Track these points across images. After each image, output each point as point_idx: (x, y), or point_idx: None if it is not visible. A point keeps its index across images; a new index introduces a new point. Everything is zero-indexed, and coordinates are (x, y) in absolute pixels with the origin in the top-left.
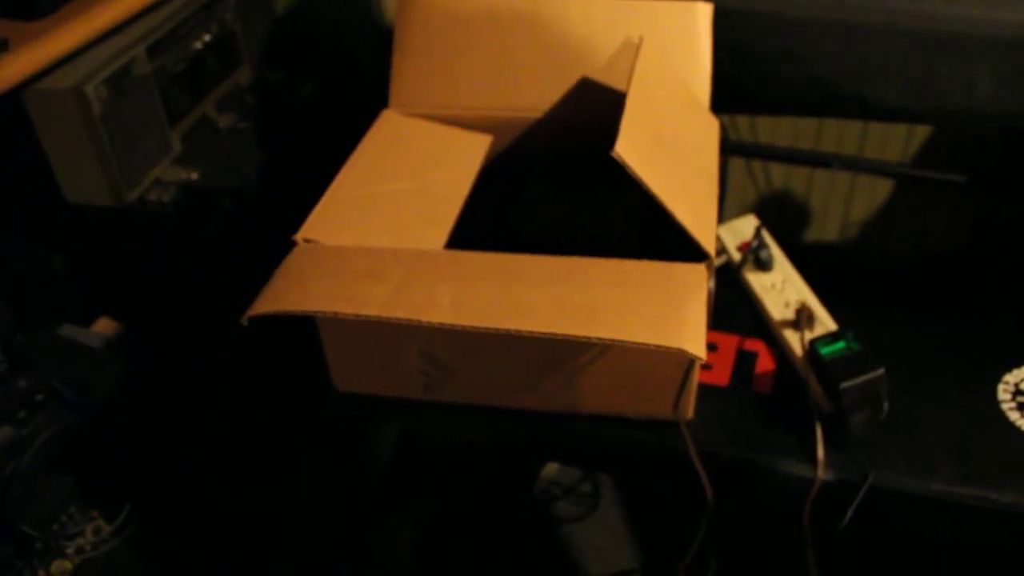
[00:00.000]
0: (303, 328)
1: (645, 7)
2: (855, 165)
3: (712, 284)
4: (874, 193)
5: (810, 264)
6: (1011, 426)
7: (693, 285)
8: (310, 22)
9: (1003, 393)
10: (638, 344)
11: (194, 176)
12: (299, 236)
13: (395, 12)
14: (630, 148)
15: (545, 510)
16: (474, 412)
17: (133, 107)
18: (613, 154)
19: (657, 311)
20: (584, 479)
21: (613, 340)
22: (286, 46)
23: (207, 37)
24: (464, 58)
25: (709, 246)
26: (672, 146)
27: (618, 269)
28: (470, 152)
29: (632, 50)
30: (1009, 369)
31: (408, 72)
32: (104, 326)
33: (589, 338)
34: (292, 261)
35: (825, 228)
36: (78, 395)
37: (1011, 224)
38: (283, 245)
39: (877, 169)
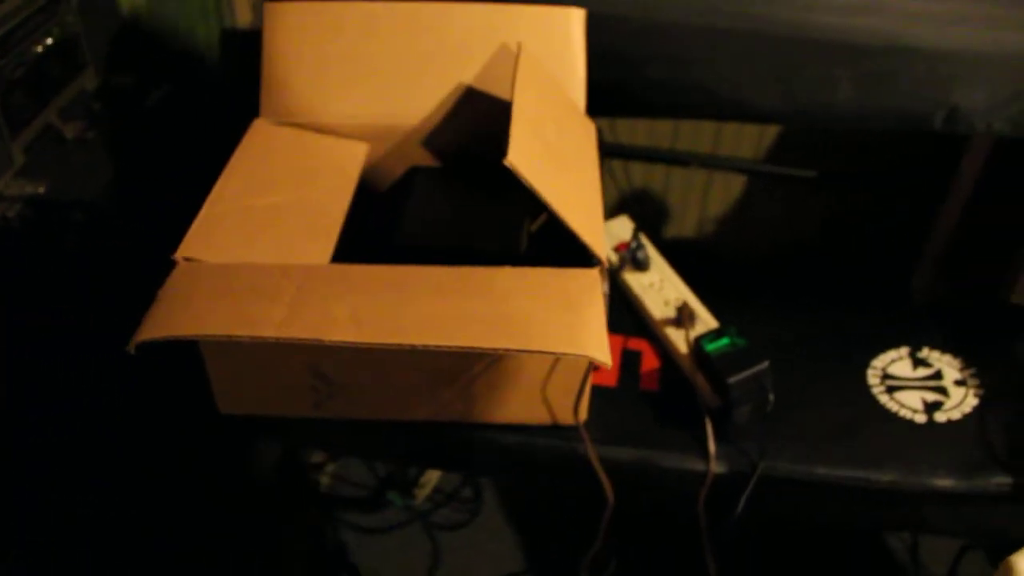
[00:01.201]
0: (178, 349)
1: (520, 12)
2: (714, 163)
3: (607, 288)
4: (729, 190)
5: (672, 261)
6: (883, 409)
7: (589, 290)
8: (157, 23)
9: (872, 378)
10: (544, 353)
11: (41, 190)
12: (179, 255)
13: (263, 19)
14: (521, 157)
15: (427, 518)
16: (366, 426)
17: None
18: (505, 163)
19: (559, 319)
20: (465, 484)
21: (520, 350)
22: (133, 49)
23: (48, 40)
24: (337, 65)
25: (600, 252)
26: (558, 153)
27: (513, 277)
28: (347, 161)
29: (508, 56)
30: (875, 355)
31: (279, 80)
32: None
33: (497, 350)
34: (175, 281)
35: (684, 225)
36: None
37: (857, 216)
38: (141, 259)
39: (734, 166)
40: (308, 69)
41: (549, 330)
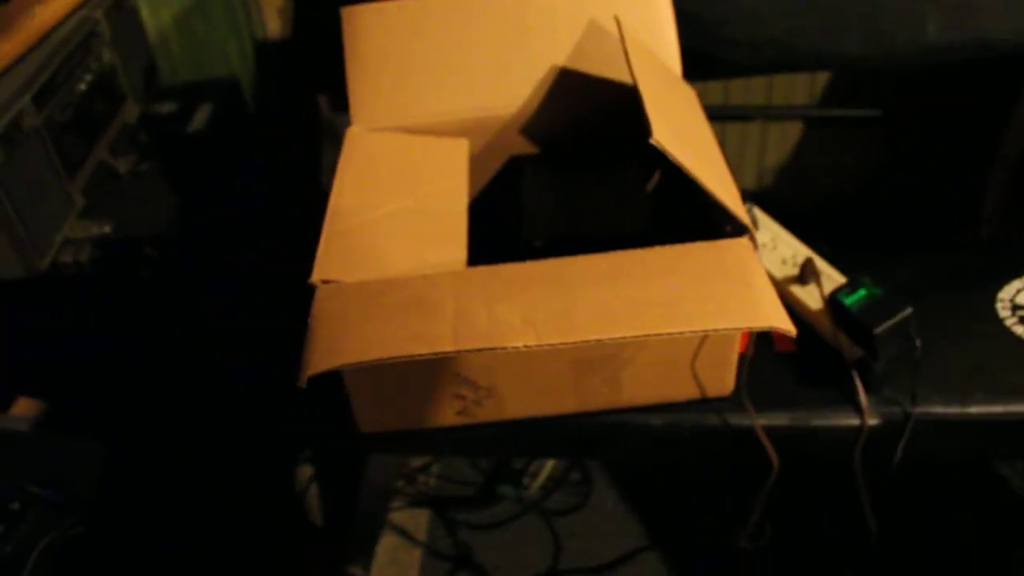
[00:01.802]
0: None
1: None
2: (780, 115)
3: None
4: (784, 138)
5: None
6: (1019, 339)
7: (747, 260)
8: (187, 44)
9: (1002, 310)
10: (729, 330)
11: (107, 229)
12: (315, 278)
13: (342, 25)
14: (664, 134)
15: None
16: (510, 427)
17: (28, 164)
18: (652, 142)
19: (730, 293)
20: (572, 467)
21: (705, 330)
22: (168, 74)
23: (88, 78)
24: (424, 62)
25: (746, 219)
26: (684, 125)
27: (667, 256)
28: (453, 159)
29: (598, 32)
30: (998, 287)
31: (366, 86)
32: (24, 407)
33: (683, 332)
34: (322, 307)
35: (742, 178)
36: (60, 492)
37: (925, 153)
38: (225, 283)
39: (798, 115)
40: (394, 70)
41: (725, 306)
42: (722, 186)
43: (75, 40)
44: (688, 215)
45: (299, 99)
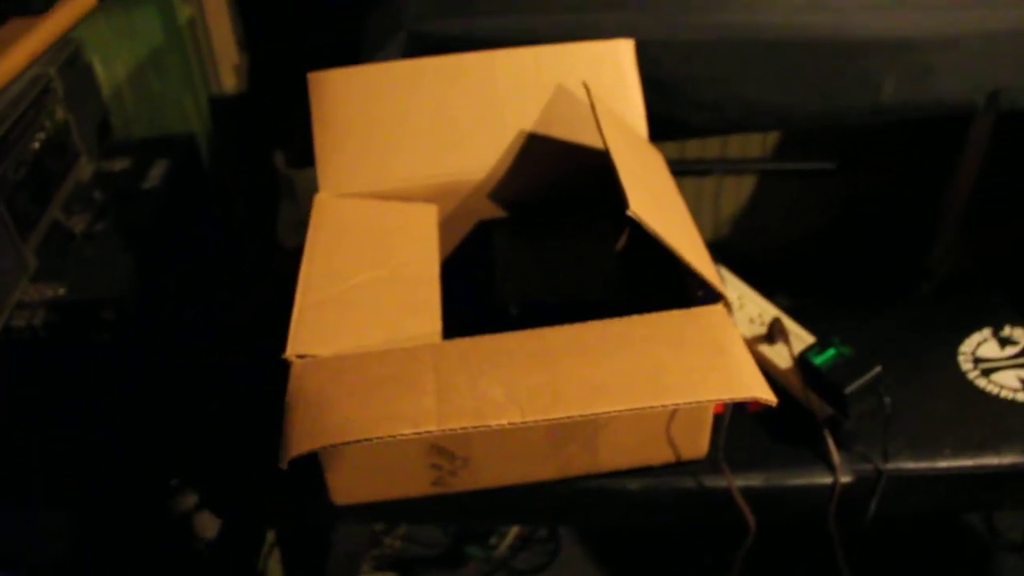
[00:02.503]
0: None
1: (570, 50)
2: (737, 168)
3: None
4: (740, 191)
5: None
6: (984, 392)
7: (724, 328)
8: (142, 100)
9: (964, 364)
10: (711, 401)
11: (61, 292)
12: (290, 354)
13: (309, 90)
14: (640, 205)
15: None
16: (486, 495)
17: None
18: (630, 214)
19: (711, 363)
20: (538, 527)
21: (688, 403)
22: (122, 130)
23: (42, 136)
24: (391, 127)
25: (721, 287)
26: (656, 191)
27: (647, 325)
28: (423, 225)
29: (565, 96)
30: (959, 341)
31: (333, 151)
32: None
33: (665, 406)
34: (299, 383)
35: (700, 230)
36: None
37: (877, 201)
38: (185, 345)
39: (756, 168)
40: (361, 135)
41: (707, 377)
42: (696, 253)
43: (28, 97)
44: (659, 276)
45: (255, 155)
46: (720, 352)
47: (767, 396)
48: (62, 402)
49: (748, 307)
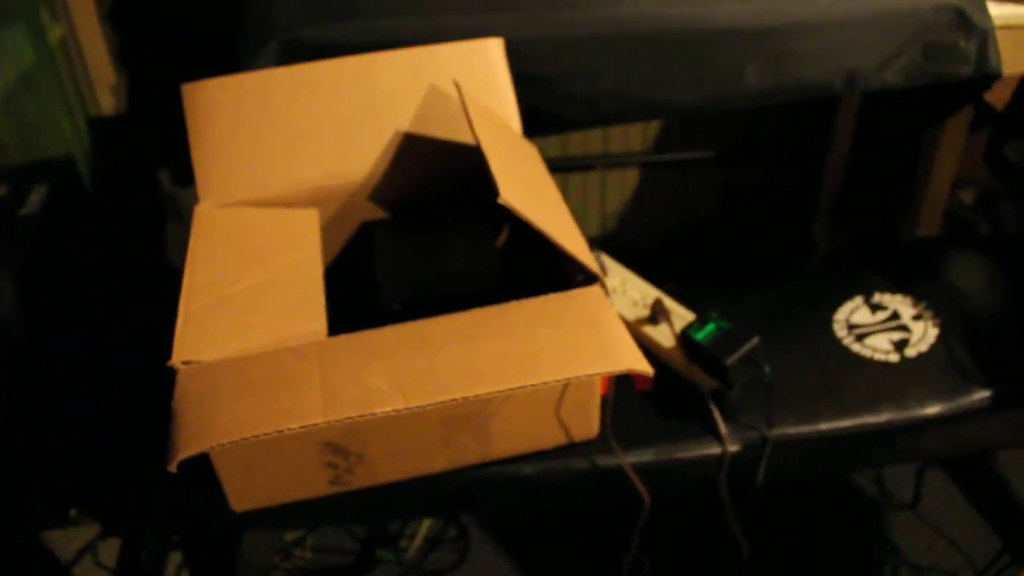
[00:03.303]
0: None
1: (441, 52)
2: (616, 162)
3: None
4: (624, 184)
5: None
6: (858, 356)
7: (601, 306)
8: (17, 125)
9: (839, 331)
10: (590, 375)
11: None
12: (176, 360)
13: (184, 101)
14: (511, 194)
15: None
16: (384, 491)
17: None
18: (501, 202)
19: (588, 340)
20: (447, 525)
21: (567, 378)
22: None
23: None
24: (268, 134)
25: (595, 268)
26: (529, 182)
27: (524, 310)
28: (304, 230)
29: (438, 96)
30: (833, 309)
31: (211, 161)
32: None
33: (546, 383)
34: (186, 389)
35: (586, 225)
36: None
37: (750, 186)
38: (72, 375)
39: (637, 161)
40: (239, 144)
41: (584, 353)
42: (570, 238)
43: None
44: (539, 267)
45: (139, 175)
46: (596, 329)
47: (643, 367)
48: None
49: (631, 291)
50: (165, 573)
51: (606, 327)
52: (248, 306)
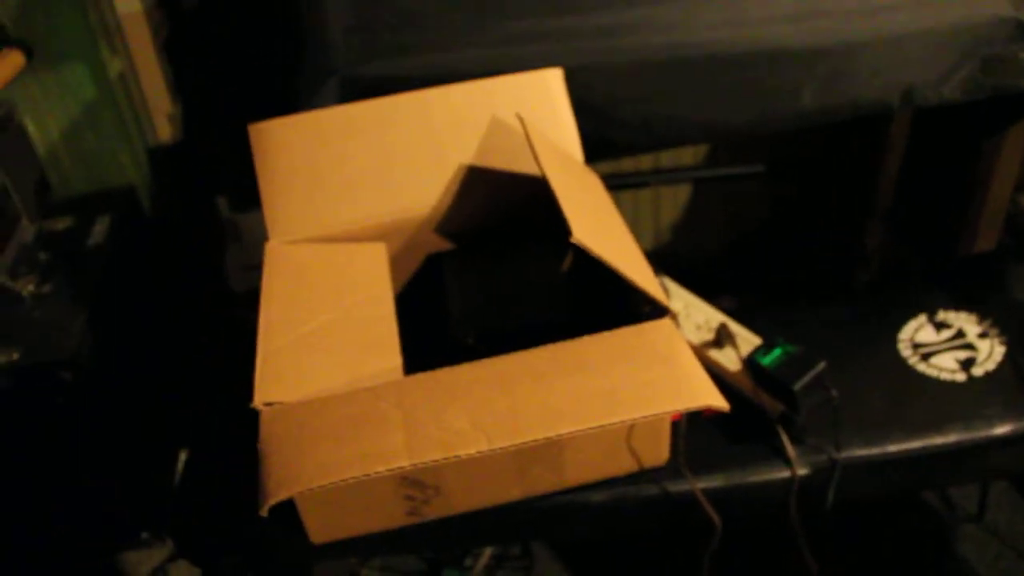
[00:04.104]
0: None
1: (500, 84)
2: (672, 179)
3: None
4: (676, 199)
5: None
6: (924, 376)
7: (673, 341)
8: (78, 156)
9: (905, 350)
10: (667, 413)
11: (16, 356)
12: (258, 402)
13: (251, 142)
14: (583, 232)
15: None
16: (459, 521)
17: None
18: (574, 241)
19: (662, 376)
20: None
21: (645, 416)
22: (60, 188)
23: None
24: (334, 171)
25: (666, 302)
26: (596, 214)
27: (599, 344)
28: (374, 264)
29: (500, 128)
30: (897, 328)
31: (280, 199)
32: None
33: (624, 422)
34: (270, 431)
35: (639, 240)
36: None
37: (803, 203)
38: (148, 403)
39: (688, 176)
40: (305, 182)
41: (660, 390)
42: (638, 270)
43: None
44: (607, 296)
45: (198, 202)
46: (670, 364)
47: (719, 403)
48: (26, 467)
49: (694, 315)
50: None
51: (679, 362)
52: (324, 344)
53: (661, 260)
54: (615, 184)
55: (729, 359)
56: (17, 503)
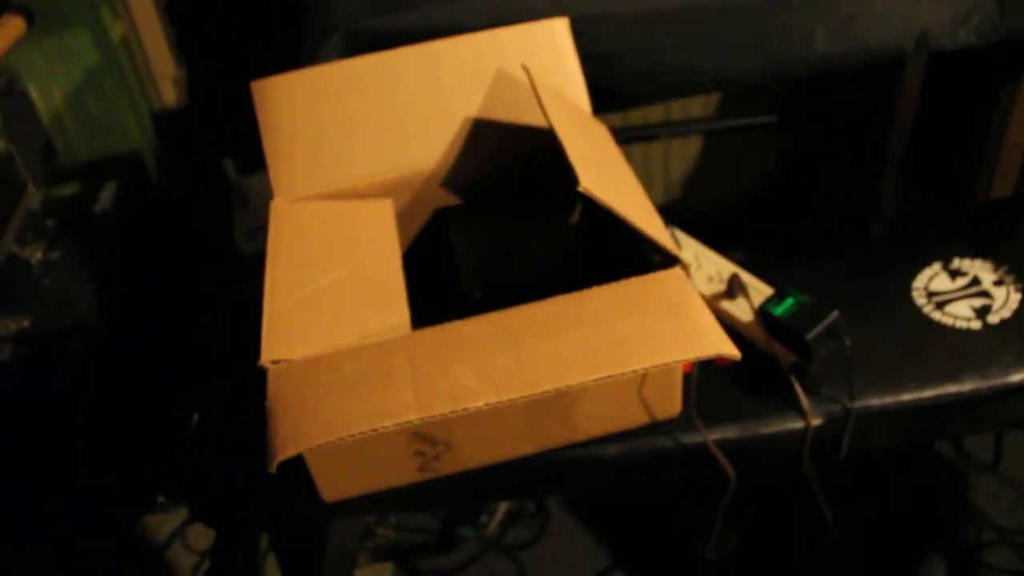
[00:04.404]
0: None
1: (505, 35)
2: (682, 131)
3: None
4: (687, 152)
5: None
6: (939, 324)
7: (684, 290)
8: (83, 122)
9: (919, 299)
10: (677, 361)
11: (25, 324)
12: (265, 360)
13: (254, 99)
14: (590, 180)
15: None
16: (471, 476)
17: None
18: (581, 190)
19: (673, 325)
20: (526, 501)
21: (656, 365)
22: (66, 154)
23: None
24: (338, 127)
25: (675, 250)
26: (604, 165)
27: (607, 295)
28: (380, 220)
29: (507, 80)
30: (912, 276)
31: (284, 157)
32: None
33: (635, 372)
34: (277, 389)
35: (651, 193)
36: None
37: (821, 149)
38: (156, 370)
39: (699, 129)
40: (310, 139)
41: (670, 339)
42: (648, 220)
43: None
44: (615, 246)
45: (204, 166)
46: (680, 314)
47: (730, 351)
48: (39, 434)
49: (706, 266)
50: (256, 555)
51: (690, 311)
52: (331, 302)
53: (672, 213)
54: (625, 137)
55: (741, 310)
56: (29, 471)
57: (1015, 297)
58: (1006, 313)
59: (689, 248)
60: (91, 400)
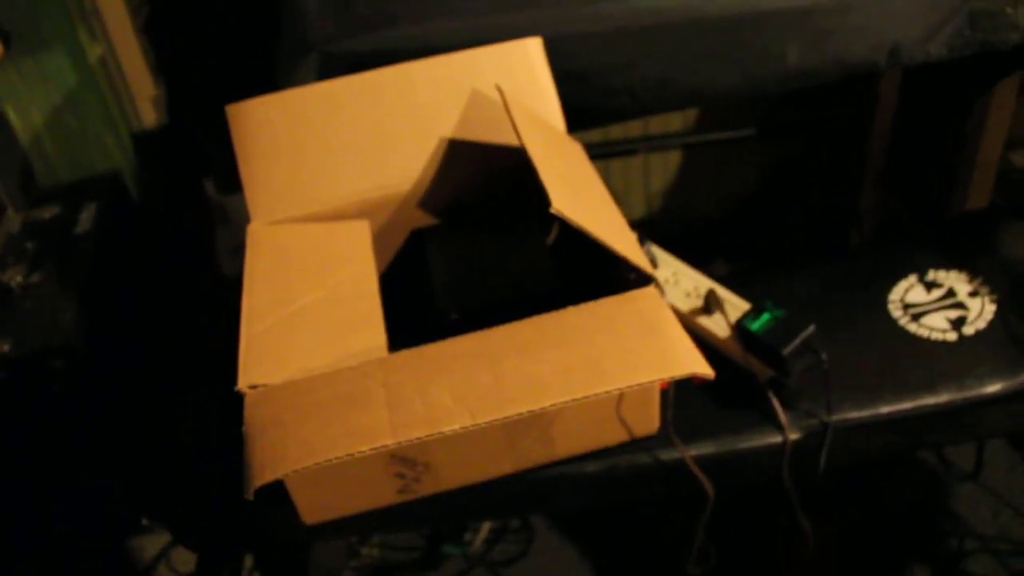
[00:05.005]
0: None
1: (479, 55)
2: (658, 145)
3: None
4: (667, 165)
5: None
6: (915, 336)
7: (657, 309)
8: (62, 143)
9: (895, 311)
10: (652, 382)
11: (6, 348)
12: (242, 385)
13: (229, 122)
14: (562, 201)
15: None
16: (451, 496)
17: None
18: (553, 211)
19: (647, 345)
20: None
21: (630, 386)
22: (45, 176)
23: None
24: (314, 149)
25: (650, 269)
26: (577, 184)
27: (582, 315)
28: (356, 242)
29: (481, 100)
30: (887, 289)
31: (260, 179)
32: None
33: (609, 392)
34: (254, 413)
35: (630, 208)
36: None
37: (794, 165)
38: (136, 391)
39: (678, 143)
40: (286, 161)
41: (645, 359)
42: (621, 239)
43: None
44: (591, 265)
45: (184, 185)
46: (655, 333)
47: (704, 370)
48: (21, 458)
49: (683, 282)
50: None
51: (664, 330)
52: (308, 324)
53: (653, 227)
54: (604, 152)
55: (718, 325)
56: (16, 495)
57: (990, 308)
58: (981, 324)
59: (666, 264)
60: (75, 421)
